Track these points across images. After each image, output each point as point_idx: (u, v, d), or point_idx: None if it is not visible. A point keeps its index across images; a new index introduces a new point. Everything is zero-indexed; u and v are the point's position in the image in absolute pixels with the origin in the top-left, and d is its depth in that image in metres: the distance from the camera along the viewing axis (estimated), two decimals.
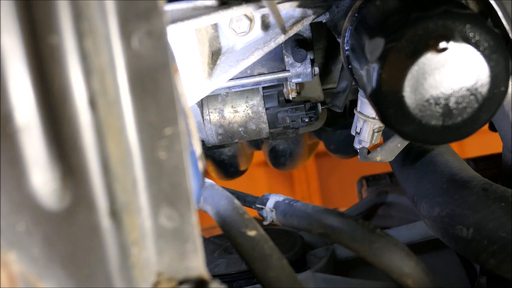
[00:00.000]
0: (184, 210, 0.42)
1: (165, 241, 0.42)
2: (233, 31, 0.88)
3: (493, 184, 0.77)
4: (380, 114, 0.66)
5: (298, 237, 1.18)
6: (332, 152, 1.59)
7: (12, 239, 0.39)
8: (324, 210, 0.78)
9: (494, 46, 0.61)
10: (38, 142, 0.37)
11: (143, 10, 0.39)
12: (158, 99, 0.40)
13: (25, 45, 0.36)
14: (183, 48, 0.84)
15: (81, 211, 0.39)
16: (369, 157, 0.92)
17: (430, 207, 0.82)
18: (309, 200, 3.02)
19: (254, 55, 0.86)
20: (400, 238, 1.13)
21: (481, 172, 0.86)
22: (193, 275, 0.44)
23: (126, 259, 0.40)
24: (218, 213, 0.78)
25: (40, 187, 0.38)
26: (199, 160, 0.51)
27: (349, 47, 0.76)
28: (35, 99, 0.37)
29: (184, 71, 0.85)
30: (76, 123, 0.37)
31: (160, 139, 0.40)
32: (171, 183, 0.41)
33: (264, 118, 1.03)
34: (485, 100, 0.64)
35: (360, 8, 0.74)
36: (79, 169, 0.38)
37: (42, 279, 0.40)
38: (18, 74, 0.36)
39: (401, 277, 0.68)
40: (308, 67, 0.96)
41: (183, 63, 0.84)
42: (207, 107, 1.03)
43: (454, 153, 0.92)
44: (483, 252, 0.71)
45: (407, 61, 0.62)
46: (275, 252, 0.68)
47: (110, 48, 0.38)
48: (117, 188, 0.39)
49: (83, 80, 0.37)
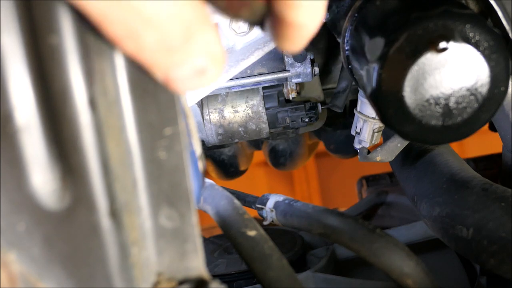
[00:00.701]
0: (184, 210, 0.42)
1: (165, 241, 0.42)
2: (233, 31, 0.88)
3: (493, 184, 0.77)
4: (380, 114, 0.66)
5: (298, 237, 1.18)
6: (332, 152, 1.59)
7: (12, 239, 0.39)
8: (324, 210, 0.78)
9: (494, 46, 0.61)
10: (38, 142, 0.37)
11: None
12: (158, 99, 0.40)
13: (25, 45, 0.36)
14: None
15: (81, 211, 0.39)
16: (369, 157, 0.92)
17: (430, 207, 0.82)
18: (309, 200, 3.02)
19: (254, 55, 0.86)
20: (400, 238, 1.13)
21: (481, 172, 0.86)
22: (193, 275, 0.44)
23: (126, 259, 0.40)
24: (218, 213, 0.78)
25: (40, 187, 0.38)
26: (199, 160, 0.51)
27: (349, 47, 0.76)
28: (35, 99, 0.37)
29: None
30: (76, 123, 0.37)
31: (160, 139, 0.40)
32: (171, 183, 0.41)
33: (264, 118, 1.03)
34: (485, 100, 0.64)
35: (360, 8, 0.74)
36: (79, 169, 0.38)
37: (42, 279, 0.40)
38: (18, 74, 0.36)
39: (401, 277, 0.68)
40: (308, 67, 0.96)
41: None
42: (207, 107, 1.03)
43: (454, 153, 0.92)
44: (483, 252, 0.71)
45: (407, 61, 0.62)
46: (275, 252, 0.68)
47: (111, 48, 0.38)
48: (117, 188, 0.39)
49: (83, 80, 0.37)
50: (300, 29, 0.40)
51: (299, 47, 0.41)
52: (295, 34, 0.40)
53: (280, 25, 0.39)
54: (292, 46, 0.41)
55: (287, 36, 0.40)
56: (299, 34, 0.40)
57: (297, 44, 0.41)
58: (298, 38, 0.40)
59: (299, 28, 0.40)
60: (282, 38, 0.40)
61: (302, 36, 0.40)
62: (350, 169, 2.71)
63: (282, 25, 0.39)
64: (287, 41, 0.41)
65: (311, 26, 0.40)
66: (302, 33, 0.40)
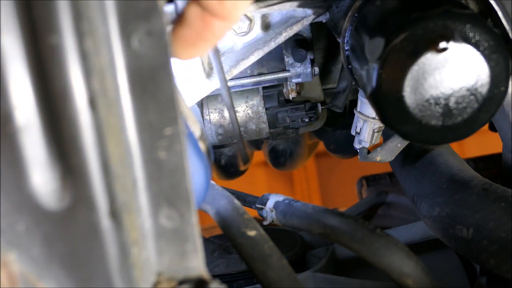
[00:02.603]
0: (184, 210, 0.42)
1: (165, 241, 0.42)
2: (233, 31, 0.88)
3: (493, 184, 0.77)
4: (380, 114, 0.66)
5: (298, 237, 1.18)
6: (332, 152, 1.59)
7: (12, 239, 0.39)
8: (324, 210, 0.78)
9: (494, 46, 0.61)
10: (38, 142, 0.37)
11: (143, 10, 0.39)
12: (158, 99, 0.40)
13: (25, 45, 0.36)
14: None
15: (81, 211, 0.39)
16: (369, 157, 0.92)
17: (430, 207, 0.82)
18: (309, 200, 3.02)
19: (254, 55, 0.86)
20: (400, 238, 1.13)
21: (481, 172, 0.86)
22: (193, 275, 0.44)
23: (126, 259, 0.40)
24: (218, 213, 0.78)
25: (40, 187, 0.38)
26: (199, 141, 0.51)
27: (349, 47, 0.76)
28: (35, 99, 0.37)
29: (184, 71, 0.85)
30: (76, 123, 0.37)
31: (160, 139, 0.40)
32: (171, 183, 0.41)
33: (264, 118, 1.03)
34: (485, 100, 0.64)
35: (360, 8, 0.74)
36: (79, 169, 0.38)
37: (42, 279, 0.40)
38: (18, 74, 0.36)
39: (401, 277, 0.68)
40: (308, 67, 0.96)
41: (183, 63, 0.84)
42: (207, 107, 1.03)
43: (454, 153, 0.92)
44: (483, 252, 0.71)
45: (407, 61, 0.62)
46: (275, 252, 0.68)
47: (110, 48, 0.38)
48: (117, 188, 0.39)
49: (83, 80, 0.37)
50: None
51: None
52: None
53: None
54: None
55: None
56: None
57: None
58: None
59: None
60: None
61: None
62: (350, 169, 2.71)
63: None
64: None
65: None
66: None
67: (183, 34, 0.46)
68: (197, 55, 0.47)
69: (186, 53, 0.47)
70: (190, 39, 0.46)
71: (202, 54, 0.54)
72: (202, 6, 0.44)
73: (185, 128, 0.46)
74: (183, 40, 0.46)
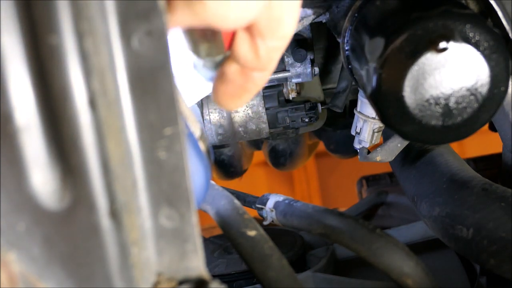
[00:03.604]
0: (184, 210, 0.42)
1: (165, 241, 0.42)
2: None
3: (493, 184, 0.77)
4: (380, 114, 0.66)
5: (298, 237, 1.18)
6: (332, 152, 1.59)
7: (12, 239, 0.39)
8: (324, 210, 0.78)
9: (494, 46, 0.61)
10: (38, 142, 0.37)
11: (143, 10, 0.39)
12: (158, 99, 0.40)
13: (25, 45, 0.36)
14: (183, 48, 0.83)
15: (81, 211, 0.39)
16: (369, 157, 0.92)
17: (430, 207, 0.82)
18: (309, 200, 3.02)
19: None
20: (400, 238, 1.13)
21: (481, 172, 0.86)
22: (193, 275, 0.44)
23: (126, 259, 0.40)
24: (218, 213, 0.78)
25: (40, 187, 0.38)
26: (199, 141, 0.51)
27: (349, 47, 0.76)
28: (35, 99, 0.37)
29: (184, 71, 0.84)
30: (76, 123, 0.37)
31: (160, 139, 0.40)
32: (171, 183, 0.41)
33: (264, 118, 1.03)
34: (485, 100, 0.64)
35: (360, 8, 0.74)
36: (79, 169, 0.38)
37: (42, 279, 0.40)
38: (18, 74, 0.36)
39: (401, 277, 0.68)
40: (308, 67, 0.96)
41: (184, 63, 0.84)
42: (207, 107, 1.03)
43: (454, 153, 0.92)
44: (483, 252, 0.71)
45: (407, 61, 0.62)
46: (275, 252, 0.68)
47: (110, 48, 0.38)
48: (117, 188, 0.39)
49: (83, 80, 0.37)
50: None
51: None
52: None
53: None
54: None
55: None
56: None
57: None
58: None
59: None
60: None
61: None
62: (350, 169, 2.71)
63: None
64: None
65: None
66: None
67: (226, 91, 0.48)
68: (244, 103, 0.49)
69: (233, 105, 0.49)
70: (235, 93, 0.48)
71: (248, 101, 0.59)
72: (240, 63, 0.46)
73: (185, 128, 0.46)
74: (228, 95, 0.49)
